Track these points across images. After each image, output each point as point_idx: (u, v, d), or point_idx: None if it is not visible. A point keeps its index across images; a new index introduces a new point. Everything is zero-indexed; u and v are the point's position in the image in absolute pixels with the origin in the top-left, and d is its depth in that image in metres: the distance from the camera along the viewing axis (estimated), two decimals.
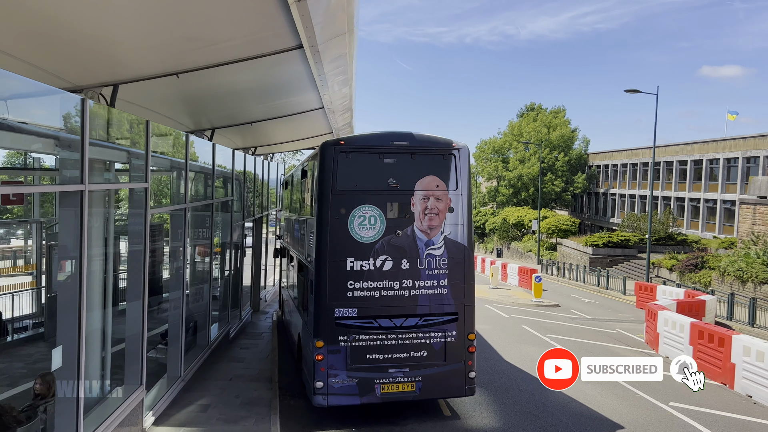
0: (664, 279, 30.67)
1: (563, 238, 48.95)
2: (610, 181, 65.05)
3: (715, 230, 46.82)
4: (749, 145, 43.97)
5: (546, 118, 67.55)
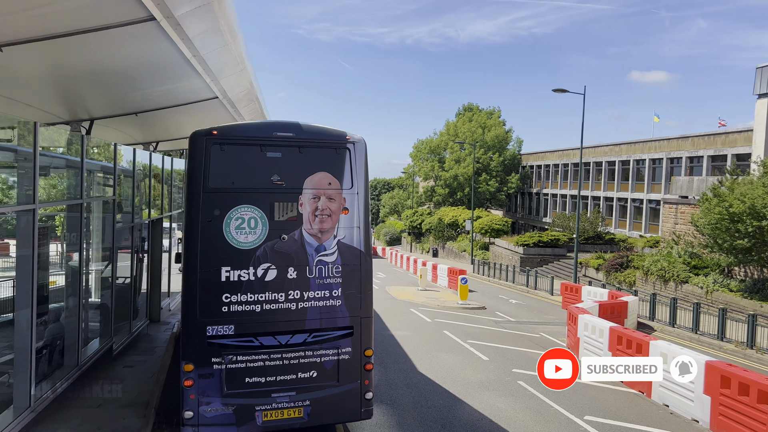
0: (590, 279, 30.65)
1: (496, 237, 48.89)
2: (542, 181, 65.86)
3: (642, 229, 47.83)
4: (672, 147, 45.08)
5: (481, 118, 67.79)
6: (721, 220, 20.54)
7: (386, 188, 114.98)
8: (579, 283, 31.83)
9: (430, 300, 24.42)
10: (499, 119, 69.14)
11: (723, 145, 39.72)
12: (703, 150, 41.37)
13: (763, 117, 27.45)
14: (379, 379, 12.29)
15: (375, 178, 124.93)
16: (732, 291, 21.96)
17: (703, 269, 24.25)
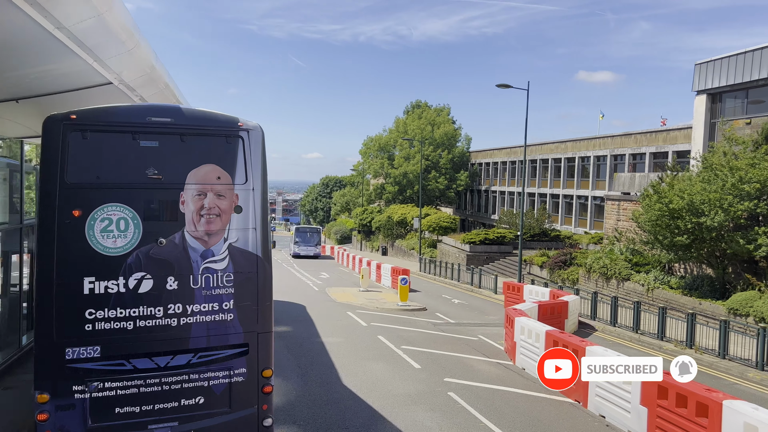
0: (534, 277, 30.21)
1: (444, 235, 48.27)
2: (491, 178, 65.81)
3: (587, 226, 48.07)
4: (616, 144, 45.38)
5: (430, 115, 67.22)
6: (662, 217, 20.19)
7: (338, 186, 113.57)
8: (523, 281, 31.35)
9: (370, 302, 23.35)
10: (449, 116, 68.76)
11: (664, 143, 40.11)
12: (645, 147, 41.73)
13: (701, 113, 27.48)
14: (296, 395, 11.11)
15: (327, 176, 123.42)
16: (672, 288, 21.71)
17: (644, 266, 23.99)
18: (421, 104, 71.22)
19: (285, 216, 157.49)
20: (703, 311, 19.58)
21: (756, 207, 18.51)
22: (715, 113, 27.36)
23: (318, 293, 26.33)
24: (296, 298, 24.15)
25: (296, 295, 25.06)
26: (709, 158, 20.50)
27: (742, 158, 19.58)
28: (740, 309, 18.09)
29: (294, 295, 25.05)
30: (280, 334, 16.58)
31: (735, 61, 25.71)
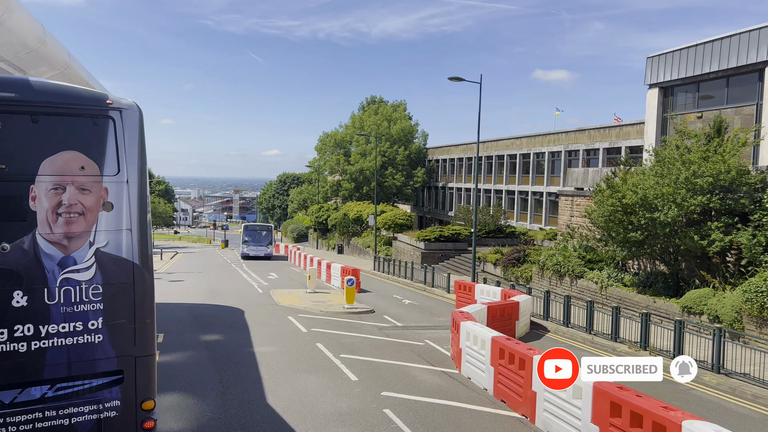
0: (487, 275, 29.36)
1: (400, 233, 47.23)
2: (447, 175, 65.16)
3: (542, 222, 47.75)
4: (570, 140, 45.11)
5: (387, 111, 66.13)
6: (614, 212, 19.48)
7: (296, 183, 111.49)
8: (477, 279, 30.48)
9: (316, 305, 22.00)
10: (405, 112, 67.81)
11: (617, 138, 39.94)
12: (599, 143, 41.52)
13: (653, 107, 27.06)
14: (209, 418, 9.71)
15: (284, 173, 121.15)
16: (626, 286, 21.07)
17: (598, 263, 23.35)
18: (377, 100, 70.08)
19: (242, 214, 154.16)
20: (658, 310, 18.96)
21: (709, 202, 17.94)
22: (667, 107, 26.98)
23: (261, 296, 24.83)
24: (235, 302, 22.62)
25: (236, 299, 23.52)
26: (661, 152, 19.89)
27: (695, 151, 19.01)
28: (694, 307, 17.49)
29: (233, 299, 23.51)
30: (208, 344, 15.09)
31: (686, 54, 25.32)
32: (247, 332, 16.78)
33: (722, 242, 17.47)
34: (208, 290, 26.67)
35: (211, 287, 28.07)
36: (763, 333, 15.46)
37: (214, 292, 25.78)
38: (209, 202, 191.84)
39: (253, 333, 16.72)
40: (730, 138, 19.13)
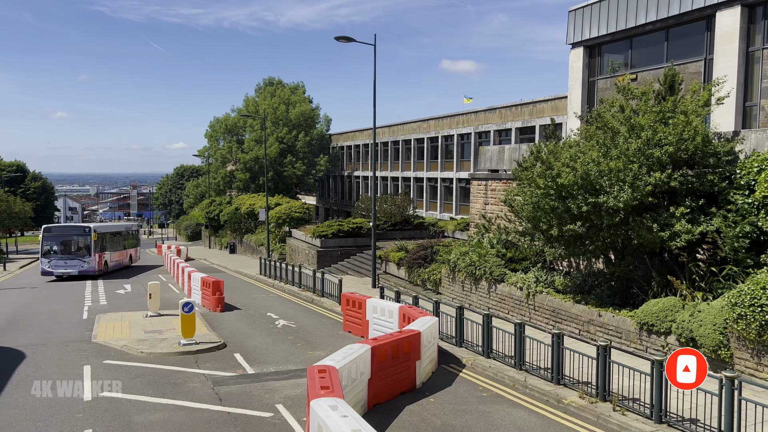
0: (391, 277, 23.66)
1: (297, 227, 40.85)
2: (353, 162, 59.33)
3: (453, 211, 43.01)
4: (480, 120, 40.43)
5: (285, 93, 59.20)
6: (545, 197, 14.22)
7: (194, 175, 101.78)
8: (378, 282, 24.81)
9: (144, 339, 15.37)
10: (305, 95, 61.14)
11: (530, 116, 35.56)
12: (511, 122, 37.05)
13: (578, 70, 22.32)
14: None
15: (182, 165, 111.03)
16: (559, 292, 15.97)
17: (521, 262, 18.18)
18: (275, 81, 62.86)
19: (140, 211, 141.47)
20: (605, 326, 13.91)
21: (669, 179, 13.02)
22: (593, 70, 22.28)
23: (78, 326, 17.79)
24: (33, 337, 15.62)
25: (36, 332, 16.45)
26: (604, 114, 14.77)
27: (647, 113, 14.04)
28: (657, 324, 12.50)
29: (33, 331, 16.42)
30: None
31: (616, 4, 20.63)
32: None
33: (690, 234, 12.58)
34: (11, 316, 19.31)
35: (22, 310, 20.66)
36: (764, 364, 10.62)
37: (17, 320, 18.49)
38: (105, 199, 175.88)
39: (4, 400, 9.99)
40: (689, 94, 14.32)
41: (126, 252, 38.82)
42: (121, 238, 37.95)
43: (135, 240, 41.99)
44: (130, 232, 41.22)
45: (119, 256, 37.10)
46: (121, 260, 37.68)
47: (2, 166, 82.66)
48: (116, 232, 37.61)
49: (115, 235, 36.74)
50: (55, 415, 9.77)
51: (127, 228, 41.69)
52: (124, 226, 41.77)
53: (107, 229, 36.05)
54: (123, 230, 39.59)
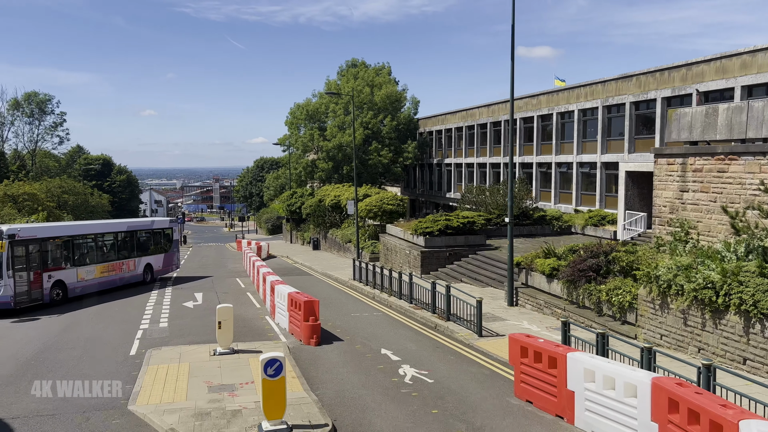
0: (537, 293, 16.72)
1: (391, 222, 34.67)
2: (444, 149, 52.55)
3: (572, 202, 35.46)
4: (609, 91, 32.64)
5: (369, 75, 53.13)
6: None
7: (274, 167, 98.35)
8: (516, 299, 18.14)
9: (209, 408, 9.47)
10: (390, 76, 54.86)
11: (683, 82, 27.56)
12: (655, 91, 29.14)
13: None
14: None
15: (262, 158, 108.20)
16: None
17: None
18: (358, 63, 56.93)
19: (222, 204, 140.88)
20: None
21: None
22: None
23: (121, 367, 12.15)
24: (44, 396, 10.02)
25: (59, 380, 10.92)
26: None
27: None
28: None
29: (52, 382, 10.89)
30: None
31: None
32: None
33: None
34: (42, 344, 14.07)
35: (62, 333, 15.46)
36: None
37: (44, 353, 13.16)
38: (189, 192, 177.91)
39: None
40: None
41: (131, 262, 25.49)
42: (115, 243, 25.11)
43: (161, 243, 28.18)
44: (149, 232, 27.61)
45: (111, 269, 24.21)
46: (120, 275, 24.77)
47: (89, 160, 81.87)
48: (97, 234, 24.25)
49: (96, 241, 23.98)
50: None
51: (140, 226, 27.67)
52: (127, 224, 27.24)
53: (63, 232, 22.25)
54: (124, 230, 26.11)
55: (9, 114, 60.90)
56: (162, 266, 28.14)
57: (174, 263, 29.50)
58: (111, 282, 24.24)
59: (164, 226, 29.40)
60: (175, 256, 29.52)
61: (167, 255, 28.59)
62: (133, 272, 25.71)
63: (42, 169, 59.38)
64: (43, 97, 62.23)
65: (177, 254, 29.98)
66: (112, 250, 24.91)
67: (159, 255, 27.86)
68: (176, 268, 29.94)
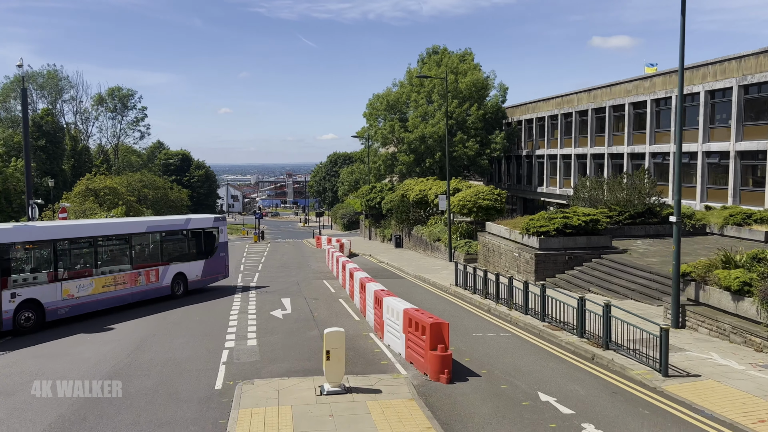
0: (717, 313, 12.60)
1: (486, 219, 30.95)
2: (534, 139, 48.06)
3: (695, 197, 30.44)
4: (748, 67, 27.46)
5: (452, 62, 49.39)
6: None
7: (347, 162, 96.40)
8: (684, 321, 14.12)
9: None
10: (474, 62, 50.89)
11: None
12: None
13: None
14: None
15: (335, 152, 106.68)
16: None
17: None
18: (440, 50, 53.31)
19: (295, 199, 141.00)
20: None
21: None
22: None
23: (203, 411, 9.30)
24: None
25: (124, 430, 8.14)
26: None
27: None
28: None
29: None
30: None
31: None
32: None
33: None
34: (108, 369, 11.51)
35: (133, 355, 12.88)
36: None
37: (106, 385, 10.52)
38: (263, 187, 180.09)
39: None
40: None
41: (152, 272, 20.22)
42: (128, 247, 19.67)
43: (200, 247, 22.84)
44: (182, 233, 22.19)
45: (120, 282, 18.88)
46: (133, 289, 19.36)
47: (169, 155, 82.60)
48: (97, 237, 18.73)
49: (95, 245, 18.51)
50: None
51: (168, 226, 21.74)
52: (147, 224, 21.01)
53: (38, 236, 16.87)
54: (142, 231, 20.44)
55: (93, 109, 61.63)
56: (201, 275, 22.61)
57: (220, 271, 23.76)
58: (118, 298, 18.81)
59: (205, 225, 23.23)
60: (220, 262, 23.74)
61: (209, 261, 22.97)
62: (155, 284, 20.28)
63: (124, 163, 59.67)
64: (126, 91, 62.66)
65: (224, 259, 24.03)
66: (123, 257, 19.49)
67: (196, 261, 22.32)
68: (223, 276, 24.10)
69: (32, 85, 57.24)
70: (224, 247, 24.09)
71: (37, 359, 12.87)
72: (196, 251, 22.61)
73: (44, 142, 50.14)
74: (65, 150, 53.27)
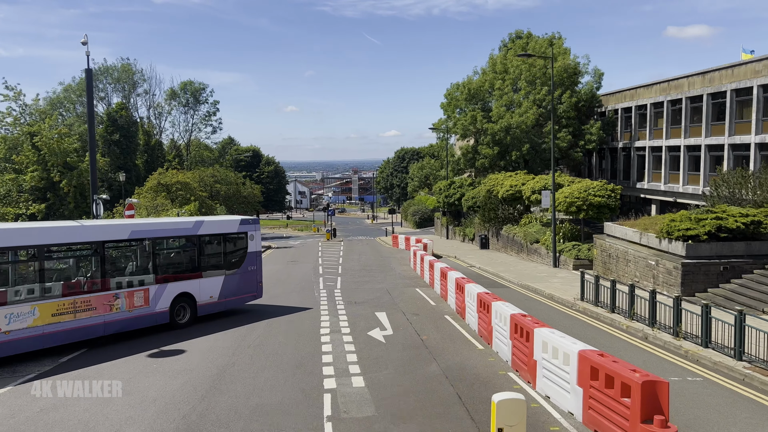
0: None
1: (596, 218, 26.66)
2: (633, 130, 42.83)
3: None
4: None
5: (539, 47, 44.80)
6: None
7: (415, 158, 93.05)
8: None
9: None
10: (564, 47, 46.12)
11: None
12: None
13: None
14: None
15: (402, 148, 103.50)
16: None
17: None
18: (524, 35, 48.82)
19: (361, 195, 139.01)
20: None
21: None
22: None
23: None
24: None
25: None
26: None
27: None
28: None
29: None
30: None
31: None
32: None
33: None
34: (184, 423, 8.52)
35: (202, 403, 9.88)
36: None
37: None
38: (329, 183, 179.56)
39: None
40: None
41: (138, 294, 14.62)
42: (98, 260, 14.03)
43: (220, 258, 17.04)
44: (190, 240, 16.27)
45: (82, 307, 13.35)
46: (106, 316, 13.81)
47: (240, 150, 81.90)
48: (48, 246, 13.13)
49: (40, 257, 12.91)
50: None
51: (166, 232, 15.87)
52: (131, 228, 15.06)
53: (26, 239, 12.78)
54: (123, 238, 14.75)
55: (166, 103, 61.09)
56: (219, 296, 16.73)
57: (248, 290, 17.69)
58: (81, 330, 13.29)
59: (226, 230, 17.30)
60: (249, 278, 17.66)
61: (231, 277, 17.06)
62: (143, 309, 14.64)
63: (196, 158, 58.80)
64: (198, 85, 61.83)
65: (254, 274, 17.83)
66: (93, 273, 13.94)
67: (212, 278, 16.51)
68: (254, 297, 18.03)
69: (107, 78, 57.18)
70: (255, 258, 17.76)
71: (85, 400, 10.10)
72: (211, 264, 16.72)
73: (119, 137, 49.65)
74: (138, 145, 52.72)
